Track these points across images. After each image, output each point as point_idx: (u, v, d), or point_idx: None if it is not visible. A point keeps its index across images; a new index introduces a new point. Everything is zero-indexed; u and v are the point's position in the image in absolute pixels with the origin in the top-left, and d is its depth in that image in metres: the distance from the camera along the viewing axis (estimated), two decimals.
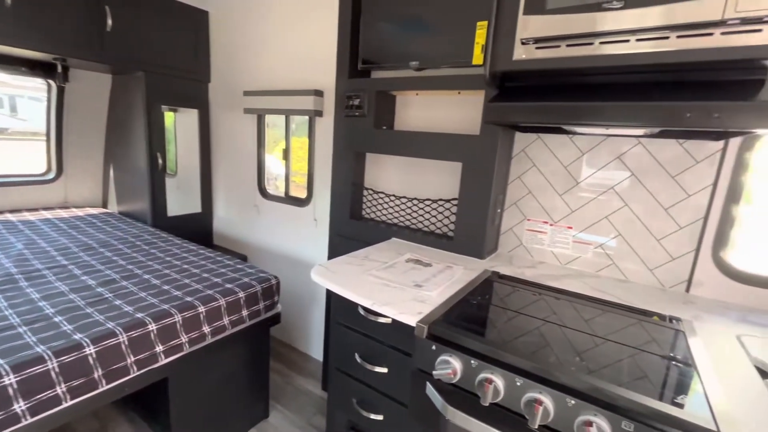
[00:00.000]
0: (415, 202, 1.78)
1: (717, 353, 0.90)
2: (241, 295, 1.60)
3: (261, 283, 1.70)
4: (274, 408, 1.98)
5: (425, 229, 1.78)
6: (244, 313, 1.61)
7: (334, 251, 1.97)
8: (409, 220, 1.83)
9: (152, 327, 1.32)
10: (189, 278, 1.69)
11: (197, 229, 2.84)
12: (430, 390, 0.93)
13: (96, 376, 1.19)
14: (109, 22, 2.14)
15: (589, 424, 0.71)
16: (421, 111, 1.79)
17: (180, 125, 2.81)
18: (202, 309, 1.46)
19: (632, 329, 1.01)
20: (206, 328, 1.48)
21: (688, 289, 1.30)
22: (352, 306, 1.21)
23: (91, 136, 2.82)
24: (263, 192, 2.57)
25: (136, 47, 2.31)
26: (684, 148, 1.25)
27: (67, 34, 2.04)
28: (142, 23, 2.32)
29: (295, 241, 2.41)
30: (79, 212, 2.71)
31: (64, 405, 1.14)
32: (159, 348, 1.35)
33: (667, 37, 0.89)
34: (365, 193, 1.97)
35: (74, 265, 1.74)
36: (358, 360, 1.24)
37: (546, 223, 1.54)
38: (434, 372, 0.89)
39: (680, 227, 1.29)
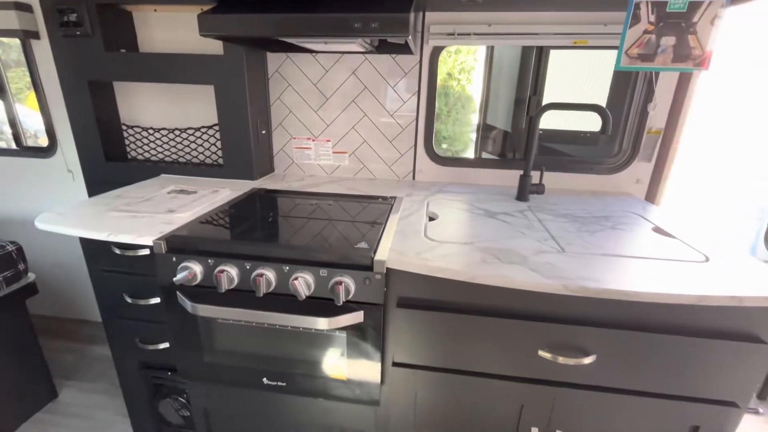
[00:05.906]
0: (177, 132, 1.67)
1: (406, 214, 1.24)
2: None
3: None
4: (65, 386, 1.77)
5: (195, 160, 1.72)
6: None
7: None
8: (177, 153, 1.72)
9: None
10: None
11: None
12: (181, 298, 1.00)
13: None
14: None
15: (296, 279, 0.90)
16: (169, 32, 1.61)
17: None
18: None
19: (359, 210, 1.28)
20: None
21: (414, 177, 1.68)
22: (106, 248, 1.13)
23: None
24: None
25: None
26: (396, 62, 1.53)
27: None
28: None
29: (46, 201, 1.98)
30: None
31: None
32: None
33: None
34: (125, 129, 1.74)
35: None
36: (129, 300, 1.21)
37: (309, 139, 1.69)
38: (174, 279, 0.94)
39: (402, 129, 1.61)
